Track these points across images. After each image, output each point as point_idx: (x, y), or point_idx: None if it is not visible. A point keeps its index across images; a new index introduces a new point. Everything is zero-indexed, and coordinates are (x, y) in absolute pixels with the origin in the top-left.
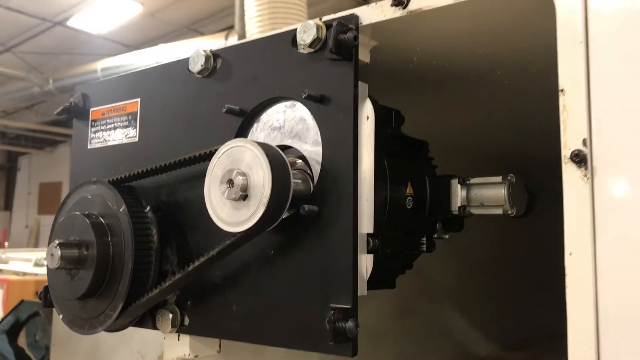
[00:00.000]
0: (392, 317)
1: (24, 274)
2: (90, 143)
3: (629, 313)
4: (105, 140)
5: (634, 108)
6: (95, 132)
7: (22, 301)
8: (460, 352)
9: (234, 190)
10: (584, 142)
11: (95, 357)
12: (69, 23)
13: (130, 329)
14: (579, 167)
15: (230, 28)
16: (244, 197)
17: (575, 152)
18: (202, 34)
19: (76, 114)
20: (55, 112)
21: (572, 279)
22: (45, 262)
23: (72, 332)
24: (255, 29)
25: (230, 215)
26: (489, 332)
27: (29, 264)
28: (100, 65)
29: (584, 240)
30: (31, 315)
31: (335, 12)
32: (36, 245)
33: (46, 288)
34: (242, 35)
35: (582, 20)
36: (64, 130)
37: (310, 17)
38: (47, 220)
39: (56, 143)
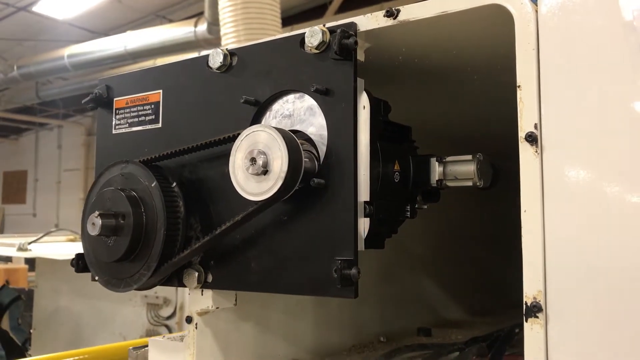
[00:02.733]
0: (374, 283)
1: None
2: (115, 129)
3: (567, 254)
4: (130, 126)
5: (572, 101)
6: (119, 120)
7: (3, 285)
8: (433, 316)
9: (257, 167)
10: (535, 126)
11: (77, 339)
12: (34, 8)
13: (112, 311)
14: (532, 145)
15: (199, 15)
16: (265, 172)
17: (529, 133)
18: (170, 20)
19: (100, 103)
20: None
21: (526, 230)
22: (28, 247)
23: (52, 317)
24: (228, 18)
25: (252, 187)
26: (459, 299)
27: (12, 249)
28: (67, 52)
29: (535, 200)
30: (13, 299)
31: None
32: (1, 233)
33: (78, 255)
34: (212, 22)
35: (534, 32)
36: (29, 118)
37: (281, 3)
38: (12, 209)
39: (21, 131)
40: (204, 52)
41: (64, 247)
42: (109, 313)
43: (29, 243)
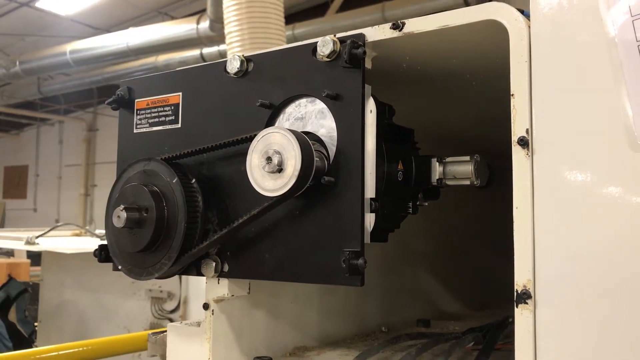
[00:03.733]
0: (377, 276)
1: None
2: (136, 128)
3: (554, 246)
4: (150, 126)
5: (560, 108)
6: (140, 119)
7: (10, 278)
8: (432, 308)
9: (272, 165)
10: (527, 131)
11: (82, 332)
12: (37, 4)
13: (116, 304)
14: (523, 148)
15: (201, 12)
16: (279, 171)
17: (521, 137)
18: (172, 17)
19: (122, 104)
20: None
21: (518, 225)
22: (36, 241)
23: (58, 310)
24: (232, 17)
25: (268, 184)
26: (457, 293)
27: (20, 242)
28: (69, 47)
29: (525, 198)
30: (20, 292)
31: None
32: (2, 227)
33: (101, 246)
34: (214, 20)
35: (527, 46)
36: (30, 113)
37: (284, 1)
38: (12, 204)
39: (22, 126)
40: (205, 50)
41: (70, 242)
42: (113, 306)
43: (37, 237)
